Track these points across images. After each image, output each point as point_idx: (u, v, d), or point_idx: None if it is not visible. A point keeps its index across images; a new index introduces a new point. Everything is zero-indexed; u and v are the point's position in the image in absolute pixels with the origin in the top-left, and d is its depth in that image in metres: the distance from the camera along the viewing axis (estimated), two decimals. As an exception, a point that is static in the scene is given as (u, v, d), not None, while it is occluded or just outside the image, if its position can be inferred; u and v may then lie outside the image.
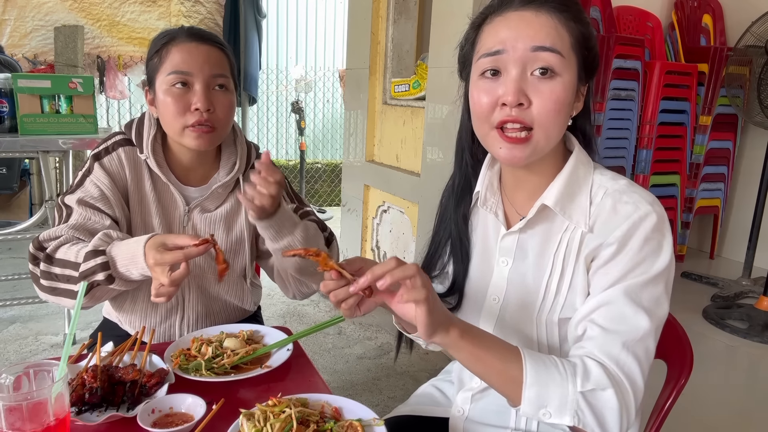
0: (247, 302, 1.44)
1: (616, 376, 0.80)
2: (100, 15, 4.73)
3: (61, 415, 0.79)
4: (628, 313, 0.82)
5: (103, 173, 1.25)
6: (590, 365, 0.80)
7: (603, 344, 0.82)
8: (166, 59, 1.21)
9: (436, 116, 2.68)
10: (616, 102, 2.32)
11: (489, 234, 1.01)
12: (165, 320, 1.35)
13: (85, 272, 1.09)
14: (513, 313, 0.94)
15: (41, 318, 2.96)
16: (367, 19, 3.30)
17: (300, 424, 0.87)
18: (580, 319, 0.87)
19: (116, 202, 1.25)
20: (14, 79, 2.43)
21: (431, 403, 1.11)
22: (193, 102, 1.20)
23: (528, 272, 0.94)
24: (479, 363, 0.82)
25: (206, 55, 1.22)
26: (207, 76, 1.21)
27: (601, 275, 0.86)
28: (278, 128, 6.26)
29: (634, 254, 0.83)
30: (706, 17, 2.74)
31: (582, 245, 0.88)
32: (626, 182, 0.90)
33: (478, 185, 0.99)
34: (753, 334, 2.02)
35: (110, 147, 1.28)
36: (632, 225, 0.84)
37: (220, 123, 1.24)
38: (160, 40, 1.24)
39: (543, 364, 0.81)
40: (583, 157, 0.93)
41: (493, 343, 0.83)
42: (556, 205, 0.89)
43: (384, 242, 3.36)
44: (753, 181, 2.55)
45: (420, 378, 2.23)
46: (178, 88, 1.20)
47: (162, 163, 1.28)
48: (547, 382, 0.79)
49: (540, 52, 0.83)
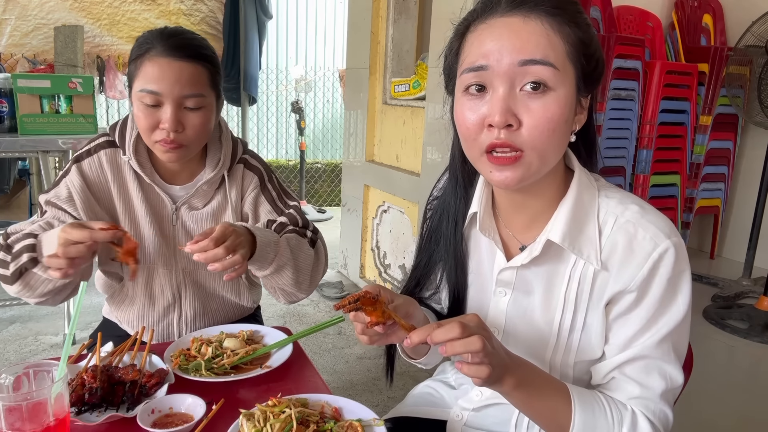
0: (245, 299, 1.43)
1: (658, 429, 0.81)
2: (100, 14, 4.73)
3: (60, 415, 0.79)
4: (664, 369, 0.82)
5: (78, 176, 1.25)
6: (640, 419, 0.81)
7: (641, 398, 0.82)
8: (140, 71, 1.17)
9: (436, 116, 2.68)
10: (616, 102, 2.32)
11: (483, 259, 0.95)
12: (162, 318, 1.35)
13: (15, 253, 1.11)
14: (519, 350, 0.86)
15: (41, 318, 2.96)
16: (367, 19, 3.30)
17: (300, 424, 0.87)
18: (609, 370, 0.85)
19: (84, 205, 1.24)
20: (14, 79, 2.43)
21: (428, 404, 1.11)
22: (161, 120, 1.17)
23: (536, 310, 0.88)
24: (529, 410, 0.81)
25: (179, 73, 1.16)
26: (177, 96, 1.16)
27: (622, 323, 0.83)
28: (278, 128, 6.25)
29: (658, 299, 0.80)
30: (707, 17, 2.74)
31: (595, 284, 0.83)
32: (637, 208, 0.82)
33: (475, 206, 0.91)
34: (753, 334, 2.02)
35: (92, 149, 1.28)
36: (653, 267, 0.78)
37: (189, 141, 1.20)
38: (138, 48, 1.19)
39: (591, 412, 0.80)
40: (586, 179, 0.86)
41: (545, 387, 0.80)
42: (564, 241, 0.81)
43: (384, 242, 3.35)
44: (753, 181, 2.55)
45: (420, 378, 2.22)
46: (149, 105, 1.17)
47: (145, 164, 1.27)
48: (593, 431, 0.79)
49: (529, 66, 0.73)
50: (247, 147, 1.40)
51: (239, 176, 1.34)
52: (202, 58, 1.20)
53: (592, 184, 0.86)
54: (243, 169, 1.35)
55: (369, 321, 0.78)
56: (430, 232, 1.01)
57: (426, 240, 1.02)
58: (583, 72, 0.78)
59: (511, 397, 0.79)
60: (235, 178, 1.34)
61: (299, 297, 1.28)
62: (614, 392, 0.84)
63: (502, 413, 0.98)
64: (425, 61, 2.95)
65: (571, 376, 0.89)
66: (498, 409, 0.98)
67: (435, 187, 1.05)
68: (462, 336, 0.69)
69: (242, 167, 1.35)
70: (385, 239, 3.34)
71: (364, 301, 0.77)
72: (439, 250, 0.99)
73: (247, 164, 1.36)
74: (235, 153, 1.35)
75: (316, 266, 1.29)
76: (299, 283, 1.23)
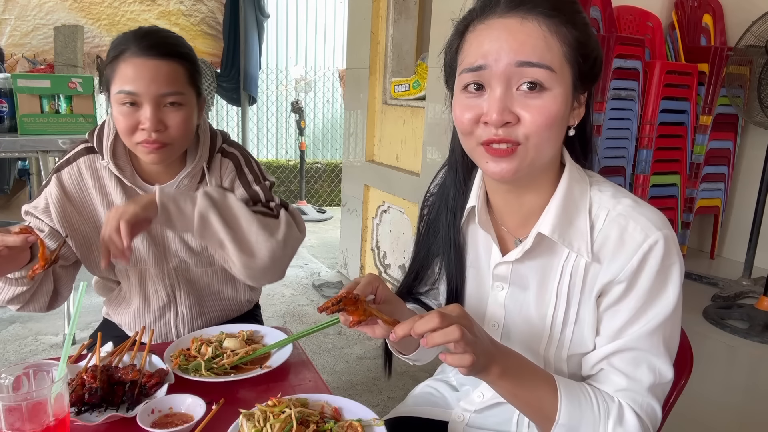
0: (241, 291, 1.42)
1: (645, 423, 0.81)
2: (100, 14, 4.73)
3: (60, 415, 0.79)
4: (653, 362, 0.81)
5: (56, 187, 1.26)
6: (626, 411, 0.80)
7: (628, 391, 0.82)
8: (116, 73, 1.16)
9: (436, 116, 2.68)
10: (616, 102, 2.32)
11: (481, 253, 0.96)
12: (159, 319, 1.35)
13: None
14: (516, 344, 0.88)
15: (41, 318, 2.96)
16: (367, 19, 3.30)
17: (300, 424, 0.87)
18: (597, 360, 0.85)
19: (59, 215, 1.25)
20: (14, 79, 2.43)
21: (429, 404, 1.10)
22: (141, 121, 1.16)
23: (531, 304, 0.89)
24: (515, 399, 0.81)
25: (154, 72, 1.15)
26: (155, 95, 1.15)
27: (612, 314, 0.83)
28: (278, 128, 6.25)
29: (647, 290, 0.80)
30: (707, 17, 2.74)
31: (587, 276, 0.84)
32: (630, 201, 0.83)
33: (473, 200, 0.92)
34: (753, 334, 2.02)
35: (71, 158, 1.28)
36: (643, 258, 0.79)
37: (172, 139, 1.19)
38: (113, 50, 1.18)
39: (578, 404, 0.80)
40: (576, 173, 0.86)
41: (531, 377, 0.80)
42: (554, 233, 0.82)
43: (384, 242, 3.35)
44: (753, 181, 2.55)
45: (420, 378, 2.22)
46: (127, 107, 1.15)
47: (125, 167, 1.26)
48: (579, 424, 0.79)
49: (526, 68, 0.75)
50: (227, 137, 1.38)
51: (217, 166, 1.32)
52: (178, 55, 1.19)
53: (584, 178, 0.87)
54: (220, 158, 1.33)
55: (351, 320, 0.79)
56: (428, 225, 1.02)
57: (424, 233, 1.03)
58: (580, 71, 0.79)
59: (497, 386, 0.79)
60: (213, 169, 1.32)
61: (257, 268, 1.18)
62: (602, 384, 0.84)
63: (503, 413, 0.98)
64: (425, 61, 2.95)
65: (565, 371, 0.89)
66: (500, 409, 0.98)
67: (432, 182, 1.06)
68: (441, 326, 0.70)
69: (219, 156, 1.33)
70: (385, 239, 3.34)
71: (347, 301, 0.78)
72: (437, 242, 0.99)
73: (224, 152, 1.34)
74: (213, 144, 1.33)
75: (274, 233, 1.20)
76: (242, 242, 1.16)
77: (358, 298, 0.79)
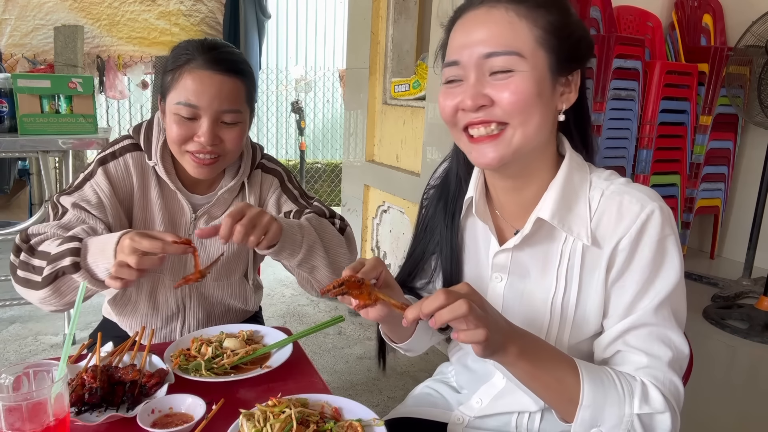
0: (251, 303, 1.43)
1: (669, 399, 0.79)
2: (100, 15, 4.73)
3: (60, 415, 0.79)
4: (668, 336, 0.81)
5: (105, 179, 1.21)
6: (650, 389, 0.79)
7: (649, 368, 0.80)
8: (179, 82, 1.15)
9: (436, 116, 2.68)
10: (616, 102, 2.32)
11: (479, 245, 0.96)
12: (165, 326, 1.34)
13: (55, 255, 1.06)
14: None
15: (41, 318, 2.96)
16: (367, 19, 3.30)
17: (300, 424, 0.87)
18: (612, 340, 0.84)
19: (112, 210, 1.22)
20: (14, 79, 2.43)
21: (429, 405, 1.10)
22: (197, 134, 1.15)
23: (531, 292, 0.89)
24: (535, 381, 0.78)
25: (219, 87, 1.14)
26: (215, 111, 1.15)
27: (619, 290, 0.83)
28: (278, 128, 6.25)
29: (650, 261, 0.80)
30: (707, 17, 2.74)
31: (586, 258, 0.84)
32: (624, 180, 0.86)
33: (471, 191, 0.93)
34: (753, 335, 2.02)
35: (117, 152, 1.25)
36: (641, 227, 0.80)
37: (225, 152, 1.20)
38: (178, 58, 1.16)
39: (601, 384, 0.78)
40: (577, 161, 0.88)
41: (551, 358, 0.78)
42: (553, 218, 0.83)
43: (384, 242, 3.35)
44: (753, 181, 2.55)
45: (420, 378, 2.22)
46: (185, 118, 1.15)
47: (170, 170, 1.26)
48: (604, 404, 0.77)
49: (493, 58, 0.78)
50: (263, 151, 1.39)
51: (258, 181, 1.33)
52: (242, 73, 1.19)
53: (584, 166, 0.88)
54: (261, 174, 1.34)
55: (356, 304, 0.79)
56: (426, 221, 1.03)
57: (421, 230, 1.03)
58: (559, 53, 0.80)
59: (516, 368, 0.77)
60: (254, 184, 1.33)
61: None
62: (621, 365, 0.83)
63: (502, 419, 0.98)
64: (425, 61, 2.95)
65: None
66: (502, 419, 0.98)
67: (432, 177, 1.06)
68: (447, 302, 0.69)
69: (260, 172, 1.34)
70: (385, 239, 3.34)
71: (350, 284, 0.77)
72: (434, 239, 1.00)
73: (265, 168, 1.35)
74: (254, 159, 1.34)
75: (349, 251, 1.26)
76: (334, 264, 1.20)
77: (363, 282, 0.78)
